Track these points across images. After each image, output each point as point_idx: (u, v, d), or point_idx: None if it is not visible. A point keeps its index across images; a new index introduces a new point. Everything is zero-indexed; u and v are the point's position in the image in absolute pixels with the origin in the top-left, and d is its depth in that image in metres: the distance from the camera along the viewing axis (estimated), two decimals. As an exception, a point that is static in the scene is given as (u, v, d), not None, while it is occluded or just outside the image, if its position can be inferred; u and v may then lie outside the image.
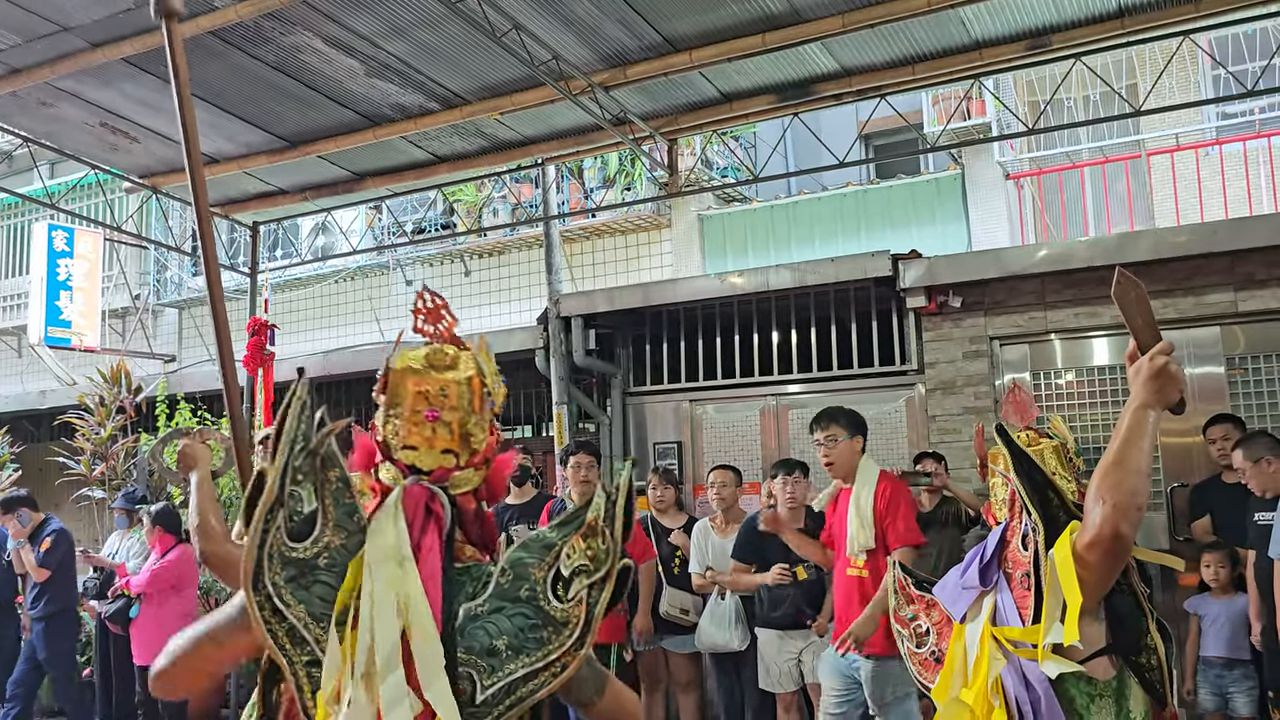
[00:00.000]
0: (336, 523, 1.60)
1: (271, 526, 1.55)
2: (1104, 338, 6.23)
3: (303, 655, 1.53)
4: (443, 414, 1.71)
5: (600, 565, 1.68)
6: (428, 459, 1.71)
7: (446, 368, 1.74)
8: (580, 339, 7.35)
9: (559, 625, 1.63)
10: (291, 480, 1.58)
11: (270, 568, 1.53)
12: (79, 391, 9.37)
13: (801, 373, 7.11)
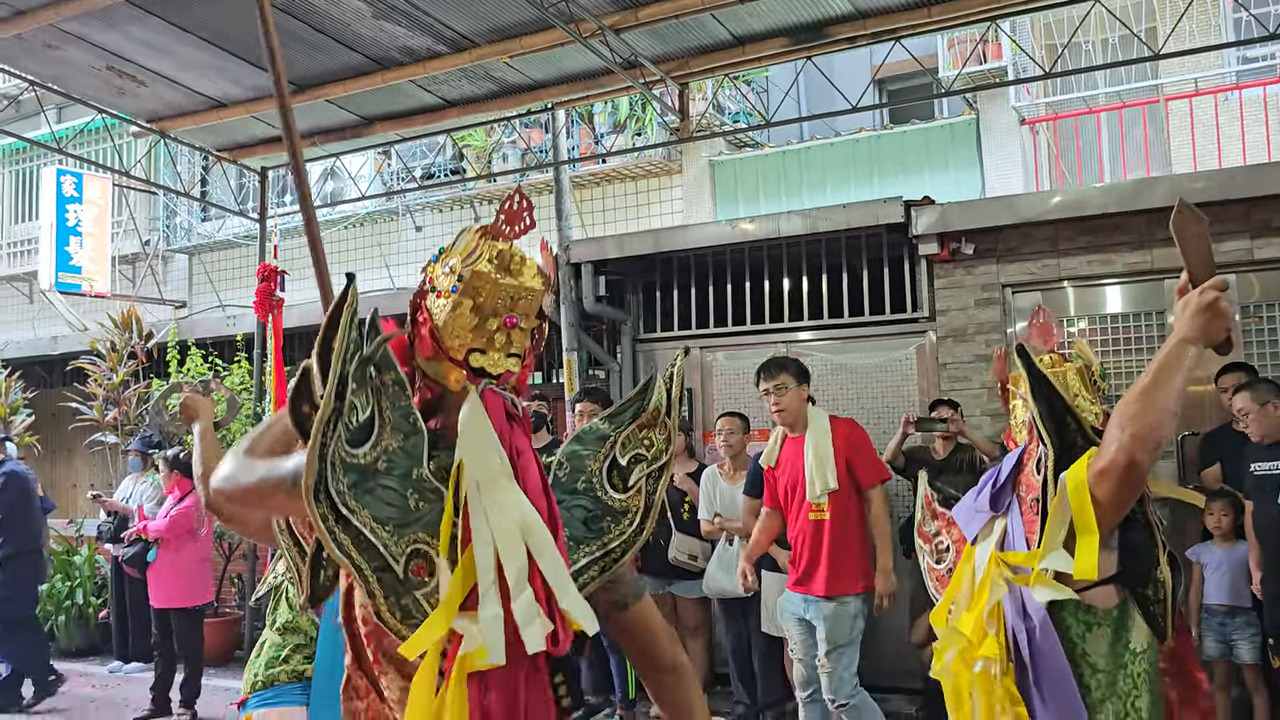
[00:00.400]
0: (394, 425, 1.57)
1: (331, 438, 1.50)
2: (1117, 285, 6.18)
3: (371, 562, 1.49)
4: (520, 320, 1.69)
5: (660, 454, 1.71)
6: (499, 364, 1.67)
7: (518, 271, 1.71)
8: (590, 285, 7.33)
9: (618, 515, 1.67)
10: (345, 389, 1.53)
11: (334, 476, 1.49)
12: (90, 337, 9.40)
13: (812, 320, 7.08)
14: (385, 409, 1.57)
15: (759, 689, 5.98)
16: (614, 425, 1.73)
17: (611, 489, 1.69)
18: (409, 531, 1.52)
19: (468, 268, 1.68)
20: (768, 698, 5.93)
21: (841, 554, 4.66)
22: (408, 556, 1.51)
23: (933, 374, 6.58)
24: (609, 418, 1.75)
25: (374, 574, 1.49)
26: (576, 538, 1.64)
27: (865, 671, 6.16)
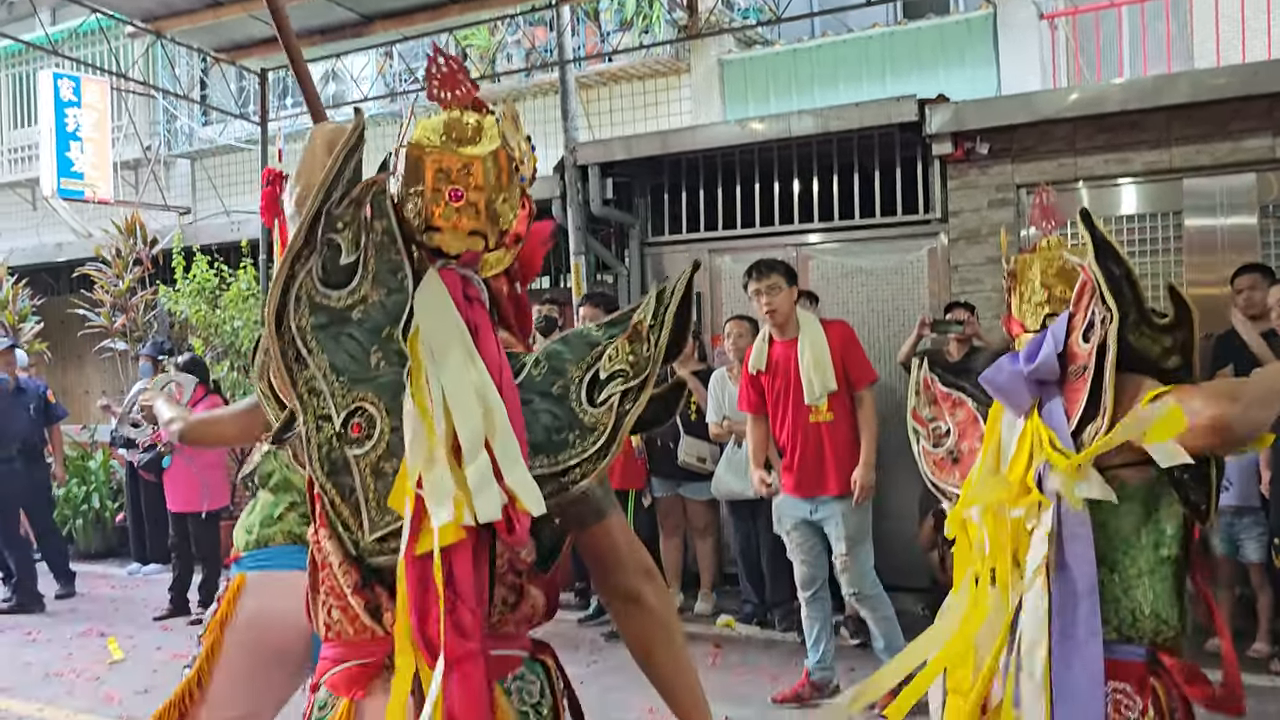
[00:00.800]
0: (377, 277, 1.50)
1: (300, 270, 1.45)
2: (1133, 185, 6.07)
3: (319, 407, 1.46)
4: (467, 193, 1.55)
5: (638, 373, 1.55)
6: (454, 242, 1.57)
7: (468, 140, 1.56)
8: (597, 188, 7.23)
9: (586, 430, 1.53)
10: (328, 226, 1.47)
11: (297, 310, 1.45)
12: (95, 244, 9.35)
13: (822, 222, 7.00)
14: (370, 257, 1.50)
15: (767, 588, 6.07)
16: (607, 334, 1.59)
17: (587, 401, 1.54)
18: (359, 389, 1.47)
19: (405, 140, 1.57)
20: (775, 597, 6.02)
21: (847, 453, 4.68)
22: (350, 412, 1.47)
23: (944, 276, 6.52)
24: (605, 325, 1.61)
25: (314, 419, 1.47)
26: (534, 444, 1.50)
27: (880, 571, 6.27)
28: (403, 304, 1.50)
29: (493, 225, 1.58)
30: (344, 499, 1.47)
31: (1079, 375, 2.12)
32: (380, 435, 1.47)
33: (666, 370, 6.22)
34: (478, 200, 1.55)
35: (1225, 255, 5.76)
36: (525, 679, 1.58)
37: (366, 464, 1.46)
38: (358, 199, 1.50)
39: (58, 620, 6.83)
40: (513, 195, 1.59)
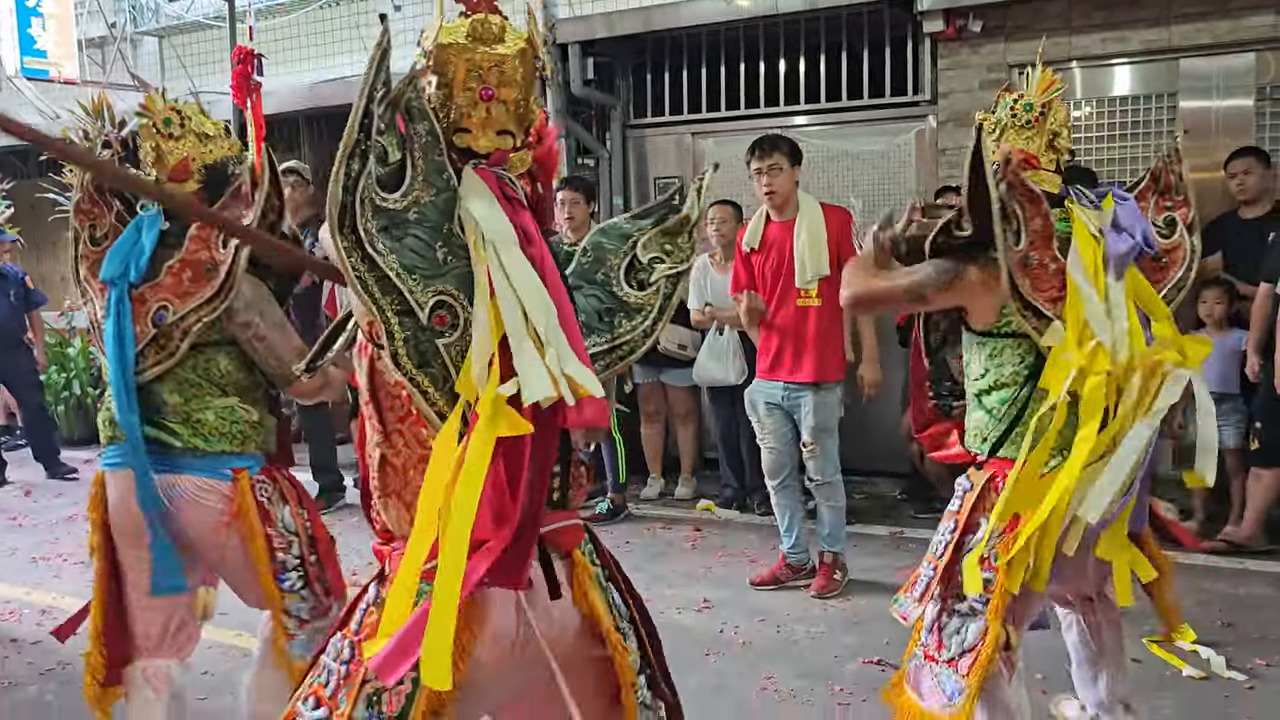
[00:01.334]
0: (425, 178, 1.55)
1: (356, 171, 1.49)
2: (1128, 65, 5.91)
3: (394, 303, 1.50)
4: (498, 92, 1.63)
5: (682, 260, 1.71)
6: (484, 141, 1.65)
7: (496, 40, 1.64)
8: (578, 68, 7.01)
9: (632, 311, 1.68)
10: (373, 128, 1.51)
11: (362, 213, 1.49)
12: (62, 125, 9.06)
13: (809, 104, 6.82)
14: (418, 159, 1.55)
15: (746, 473, 6.11)
16: (637, 226, 1.73)
17: (628, 285, 1.69)
18: (435, 283, 1.52)
19: (433, 41, 1.64)
20: (755, 481, 6.03)
21: (828, 341, 4.63)
22: (432, 306, 1.51)
23: (932, 161, 6.39)
24: (634, 217, 1.75)
25: (395, 316, 1.50)
26: (589, 326, 1.64)
27: (854, 456, 6.30)
28: (452, 201, 1.56)
29: (520, 124, 1.67)
30: (438, 388, 1.52)
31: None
32: (464, 323, 1.53)
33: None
34: (508, 98, 1.64)
35: (1220, 138, 5.64)
36: (589, 545, 1.76)
37: (456, 351, 1.52)
38: (394, 100, 1.54)
39: (43, 506, 6.86)
40: (535, 96, 1.70)
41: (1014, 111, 2.59)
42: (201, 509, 2.70)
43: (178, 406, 2.69)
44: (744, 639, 4.16)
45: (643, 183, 7.40)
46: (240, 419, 2.74)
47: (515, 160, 1.68)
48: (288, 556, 2.80)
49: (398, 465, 1.63)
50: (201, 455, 2.69)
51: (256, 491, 2.74)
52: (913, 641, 2.59)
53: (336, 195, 1.47)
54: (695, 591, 4.70)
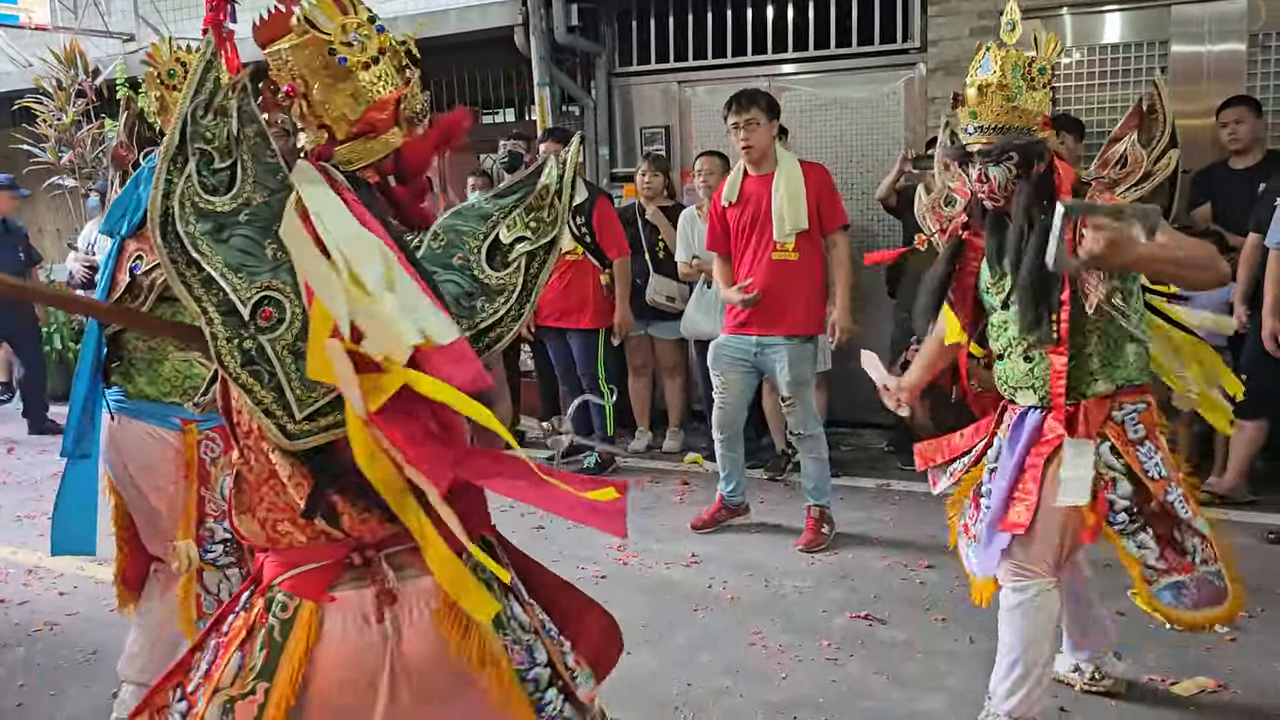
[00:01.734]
0: (257, 180, 1.51)
1: (177, 176, 1.47)
2: (1118, 12, 5.83)
3: (217, 303, 1.45)
4: (299, 87, 1.58)
5: (543, 235, 1.64)
6: (307, 139, 1.62)
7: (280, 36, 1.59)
8: (562, 15, 6.87)
9: (493, 293, 1.61)
10: (196, 137, 1.48)
11: (182, 217, 1.46)
12: (34, 74, 8.86)
13: (796, 52, 6.72)
14: (247, 161, 1.51)
15: (735, 427, 6.10)
16: (498, 205, 1.66)
17: (489, 267, 1.62)
18: (261, 278, 1.47)
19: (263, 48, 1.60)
20: (743, 434, 6.06)
21: (804, 295, 4.63)
22: (256, 301, 1.46)
23: (921, 110, 6.31)
24: (495, 196, 1.68)
25: (219, 315, 1.45)
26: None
27: (839, 407, 6.32)
28: (284, 199, 1.50)
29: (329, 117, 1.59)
30: (264, 385, 1.45)
31: None
32: (293, 316, 1.46)
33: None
34: (305, 94, 1.58)
35: (1211, 85, 5.59)
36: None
37: (283, 346, 1.45)
38: (221, 108, 1.50)
39: (28, 464, 6.82)
40: (348, 85, 1.58)
41: (1029, 75, 2.64)
42: (149, 454, 2.78)
43: (141, 353, 2.79)
44: (732, 594, 4.18)
45: (628, 132, 7.31)
46: (197, 374, 2.80)
47: (350, 153, 1.61)
48: (217, 527, 2.81)
49: (250, 480, 1.58)
50: (153, 402, 2.78)
51: (201, 448, 2.79)
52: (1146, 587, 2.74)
53: (156, 202, 1.45)
54: (683, 546, 4.71)
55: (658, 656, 3.64)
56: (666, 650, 3.69)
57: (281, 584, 1.58)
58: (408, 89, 1.65)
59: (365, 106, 1.60)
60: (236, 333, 1.45)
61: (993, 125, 2.63)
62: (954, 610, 3.90)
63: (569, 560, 4.49)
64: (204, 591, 2.82)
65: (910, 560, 4.44)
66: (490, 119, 8.56)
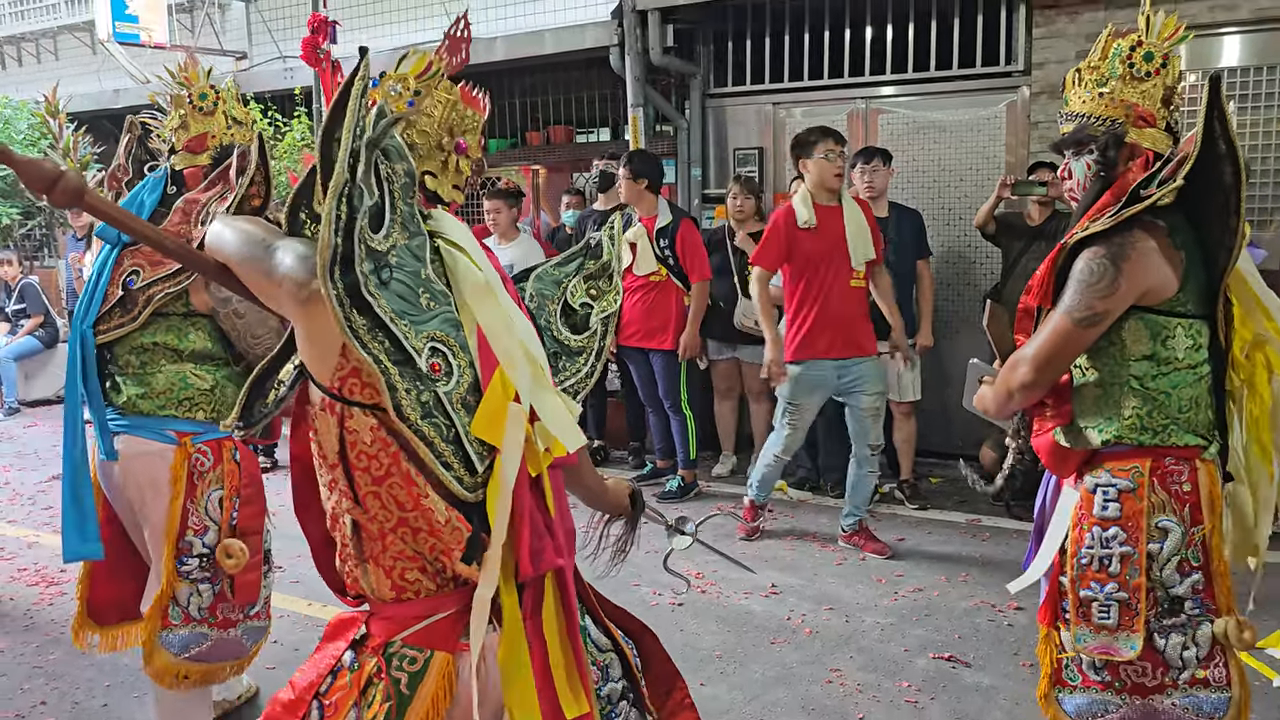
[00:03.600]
0: (403, 221, 1.48)
1: (353, 210, 1.40)
2: (1238, 34, 5.57)
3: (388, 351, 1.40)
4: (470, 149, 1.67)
5: (612, 302, 1.81)
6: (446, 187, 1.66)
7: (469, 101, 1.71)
8: (658, 35, 6.87)
9: (574, 354, 1.77)
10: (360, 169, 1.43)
11: (358, 255, 1.39)
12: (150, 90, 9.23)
13: (895, 73, 6.59)
14: (397, 200, 1.48)
15: (820, 454, 6.00)
16: (564, 272, 1.84)
17: (565, 329, 1.78)
18: (425, 328, 1.44)
19: (424, 83, 1.61)
20: (829, 463, 5.95)
21: (870, 319, 4.95)
22: (427, 352, 1.44)
23: (1023, 133, 6.13)
24: (558, 264, 1.85)
25: (393, 364, 1.40)
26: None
27: (930, 437, 6.16)
28: (424, 246, 1.50)
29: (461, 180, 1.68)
30: (443, 438, 1.45)
31: None
32: (460, 370, 1.47)
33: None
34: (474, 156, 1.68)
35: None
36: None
37: (457, 398, 1.46)
38: (375, 140, 1.45)
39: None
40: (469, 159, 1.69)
41: (1130, 60, 2.22)
42: (144, 470, 2.73)
43: (133, 367, 2.75)
44: (811, 628, 4.07)
45: (721, 153, 7.26)
46: (191, 385, 2.76)
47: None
48: (196, 540, 2.74)
49: (373, 531, 1.53)
50: (148, 415, 2.73)
51: (193, 461, 2.74)
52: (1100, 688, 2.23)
53: (328, 240, 1.36)
54: (763, 576, 4.62)
55: (731, 689, 3.56)
56: (740, 683, 3.61)
57: (407, 638, 1.56)
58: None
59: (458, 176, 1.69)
60: (414, 384, 1.42)
61: (1077, 112, 2.28)
62: (1044, 656, 3.73)
63: (646, 585, 4.44)
64: (174, 603, 2.76)
65: (998, 600, 4.27)
66: (585, 138, 8.62)
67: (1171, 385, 2.18)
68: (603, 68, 7.28)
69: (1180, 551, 2.17)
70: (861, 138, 6.54)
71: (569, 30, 7.40)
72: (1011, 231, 5.63)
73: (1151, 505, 2.17)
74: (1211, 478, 2.19)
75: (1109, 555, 2.18)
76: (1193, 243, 2.18)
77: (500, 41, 7.76)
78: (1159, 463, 2.18)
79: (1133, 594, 2.16)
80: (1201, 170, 2.10)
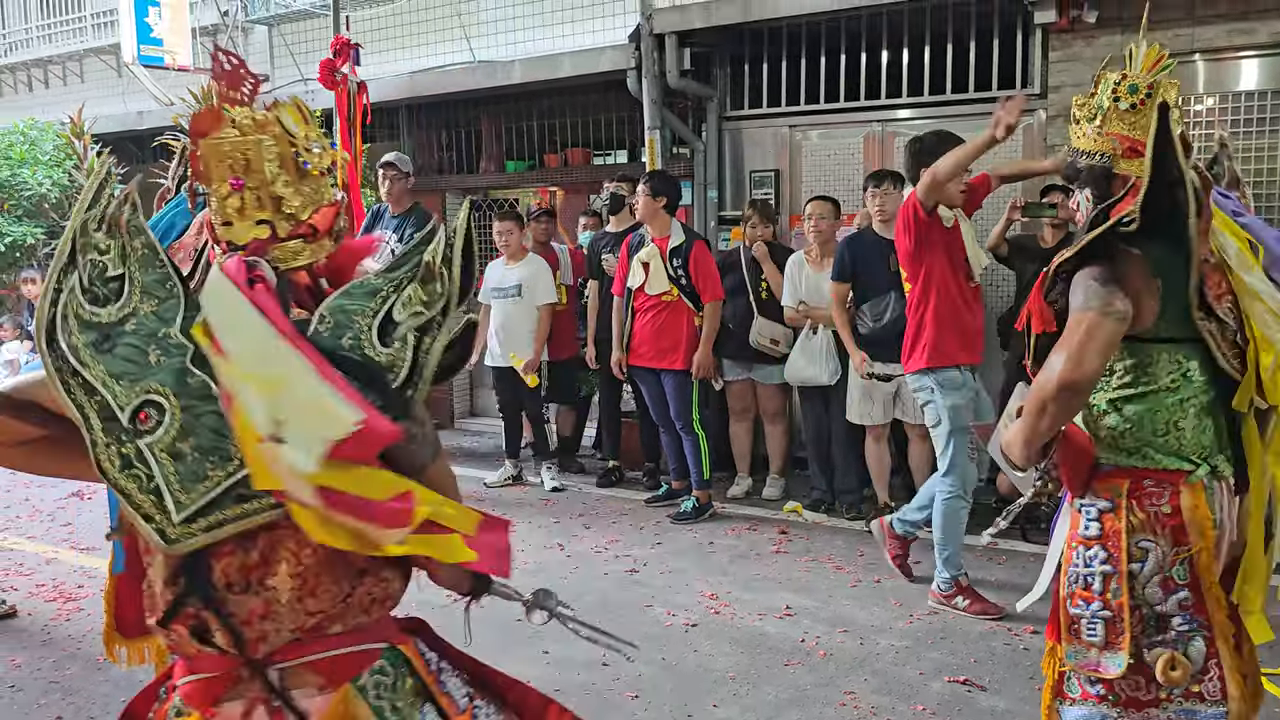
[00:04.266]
0: (145, 290, 1.55)
1: (65, 286, 1.52)
2: (1256, 58, 5.57)
3: (99, 409, 1.48)
4: (247, 180, 1.60)
5: (432, 307, 1.54)
6: (242, 232, 1.62)
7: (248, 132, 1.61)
8: (674, 58, 6.92)
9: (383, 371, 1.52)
10: (88, 248, 1.54)
11: (65, 327, 1.50)
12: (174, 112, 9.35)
13: (912, 96, 6.61)
14: (134, 272, 1.56)
15: (836, 476, 5.99)
16: (389, 279, 1.56)
17: (381, 344, 1.53)
18: (143, 383, 1.48)
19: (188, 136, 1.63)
20: (844, 484, 5.94)
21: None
22: (136, 406, 1.48)
23: (1039, 156, 6.11)
24: (383, 273, 1.59)
25: (100, 421, 1.48)
26: None
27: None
28: (175, 307, 1.55)
29: (278, 212, 1.62)
30: (143, 490, 1.46)
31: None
32: (172, 418, 1.48)
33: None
34: (258, 186, 1.60)
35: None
36: (384, 672, 1.60)
37: (162, 448, 1.47)
38: (112, 220, 1.56)
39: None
40: (306, 186, 1.64)
41: (1115, 94, 2.31)
42: None
43: None
44: (825, 650, 4.06)
45: (738, 174, 7.29)
46: None
47: (286, 251, 1.62)
48: None
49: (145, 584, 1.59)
50: None
51: None
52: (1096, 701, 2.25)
53: (44, 309, 1.50)
54: (778, 598, 4.61)
55: (744, 711, 3.55)
56: (753, 705, 3.60)
57: (180, 688, 1.57)
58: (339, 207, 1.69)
59: (313, 210, 1.64)
60: (116, 438, 1.47)
61: (1076, 149, 2.40)
62: (1060, 681, 3.70)
63: (659, 606, 4.44)
64: None
65: (1015, 624, 4.24)
66: (602, 160, 8.67)
67: (1147, 408, 2.22)
68: (620, 90, 7.33)
69: (1162, 570, 2.18)
70: (878, 160, 6.55)
71: (586, 54, 7.46)
72: (1025, 254, 5.63)
73: (1130, 525, 2.19)
74: (1197, 500, 2.18)
75: (1092, 574, 2.22)
76: (1174, 268, 2.17)
77: (518, 65, 7.83)
78: (1137, 484, 2.21)
79: (1117, 612, 2.18)
80: (1158, 197, 2.11)
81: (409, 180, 6.77)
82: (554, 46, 7.82)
